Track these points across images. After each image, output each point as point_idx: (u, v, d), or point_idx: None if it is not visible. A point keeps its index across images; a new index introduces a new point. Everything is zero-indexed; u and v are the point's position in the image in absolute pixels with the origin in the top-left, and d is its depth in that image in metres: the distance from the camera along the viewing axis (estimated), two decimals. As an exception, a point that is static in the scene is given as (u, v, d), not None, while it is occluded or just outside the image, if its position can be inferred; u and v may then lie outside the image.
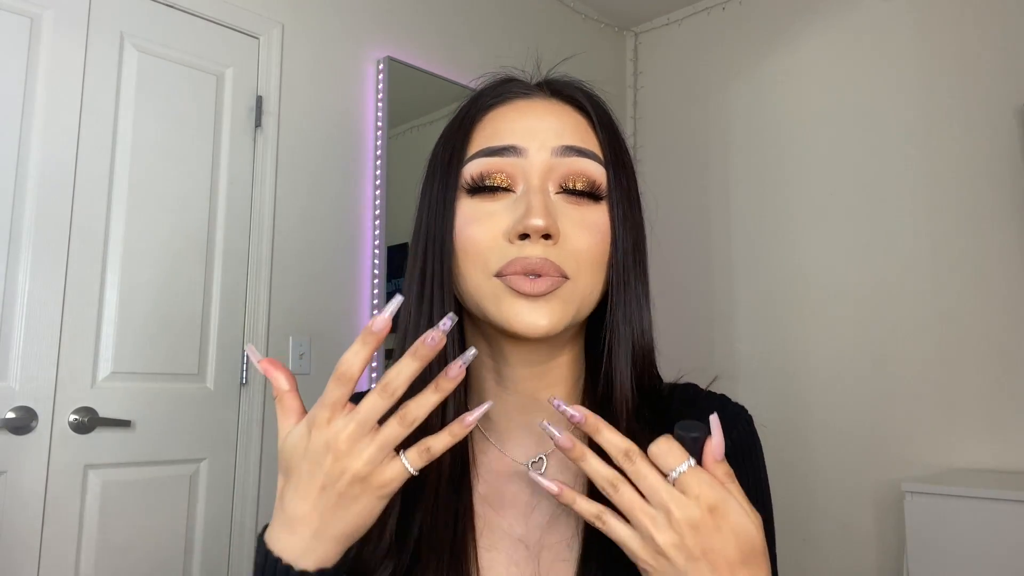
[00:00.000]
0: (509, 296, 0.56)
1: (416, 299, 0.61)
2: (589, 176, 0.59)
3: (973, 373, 2.31)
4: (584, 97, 0.63)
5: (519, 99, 0.62)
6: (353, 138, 2.36)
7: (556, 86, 0.64)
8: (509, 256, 0.56)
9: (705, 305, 2.97)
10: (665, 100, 3.21)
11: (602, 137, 0.62)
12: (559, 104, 0.62)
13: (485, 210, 0.58)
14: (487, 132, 0.61)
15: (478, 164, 0.59)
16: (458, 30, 2.68)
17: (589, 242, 0.58)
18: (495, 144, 0.59)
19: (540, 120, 0.60)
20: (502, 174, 0.58)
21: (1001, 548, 1.88)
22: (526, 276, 0.56)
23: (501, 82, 0.65)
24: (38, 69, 1.79)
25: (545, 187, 0.58)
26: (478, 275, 0.57)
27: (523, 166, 0.59)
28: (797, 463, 2.62)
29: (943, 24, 2.47)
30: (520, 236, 0.56)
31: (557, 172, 0.59)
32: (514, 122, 0.60)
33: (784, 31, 2.86)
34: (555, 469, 0.62)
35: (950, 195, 2.41)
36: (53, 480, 1.74)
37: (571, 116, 0.62)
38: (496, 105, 0.62)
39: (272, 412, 2.11)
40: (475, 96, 0.64)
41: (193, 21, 2.06)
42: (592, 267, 0.58)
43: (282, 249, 2.16)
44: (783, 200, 2.80)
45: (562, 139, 0.59)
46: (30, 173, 1.76)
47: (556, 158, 0.59)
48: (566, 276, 0.57)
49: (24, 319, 1.73)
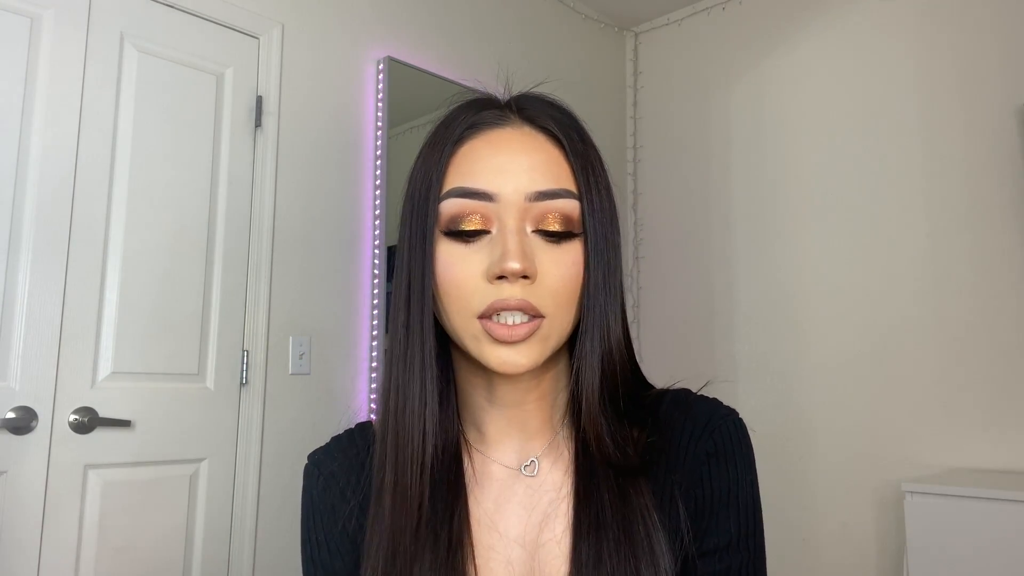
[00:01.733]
0: (487, 343, 0.59)
1: (403, 337, 0.63)
2: (564, 215, 0.60)
3: (973, 373, 2.31)
4: (556, 124, 0.63)
5: (491, 130, 0.63)
6: (353, 138, 2.36)
7: (528, 112, 0.64)
8: (489, 298, 0.58)
9: (705, 305, 2.97)
10: (665, 100, 3.21)
11: (576, 167, 0.62)
12: (532, 135, 0.63)
13: (463, 253, 0.60)
14: (462, 170, 0.61)
15: (452, 204, 0.60)
16: (458, 30, 2.68)
17: (564, 278, 0.60)
18: (469, 186, 0.60)
19: (511, 159, 0.61)
20: (476, 216, 0.60)
21: (1001, 548, 1.88)
22: (504, 323, 0.58)
23: (474, 109, 0.64)
24: (38, 69, 1.79)
25: (521, 227, 0.60)
26: (460, 316, 0.60)
27: (497, 210, 0.60)
28: (797, 463, 2.62)
29: (943, 24, 2.47)
30: (498, 277, 0.58)
31: (532, 213, 0.60)
32: (487, 161, 0.61)
33: (784, 31, 2.86)
34: (546, 471, 0.65)
35: (950, 195, 2.41)
36: (53, 480, 1.74)
37: (544, 151, 0.62)
38: (468, 137, 0.63)
39: (272, 412, 2.11)
40: (448, 121, 0.64)
41: (193, 21, 2.06)
42: (568, 303, 0.61)
43: (282, 249, 2.16)
44: (783, 200, 2.80)
45: (534, 184, 0.60)
46: (30, 173, 1.76)
47: (530, 202, 0.60)
48: (542, 315, 0.59)
49: (24, 319, 1.73)
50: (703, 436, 0.64)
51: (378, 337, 2.33)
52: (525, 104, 0.65)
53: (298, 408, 2.16)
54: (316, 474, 0.70)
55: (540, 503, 0.64)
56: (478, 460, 0.66)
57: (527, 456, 0.66)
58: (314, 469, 0.70)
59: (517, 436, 0.66)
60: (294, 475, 2.11)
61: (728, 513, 0.63)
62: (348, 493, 0.68)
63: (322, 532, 0.68)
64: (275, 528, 2.07)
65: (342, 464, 0.69)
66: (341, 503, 0.67)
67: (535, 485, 0.65)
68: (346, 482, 0.68)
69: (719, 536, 0.62)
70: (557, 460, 0.66)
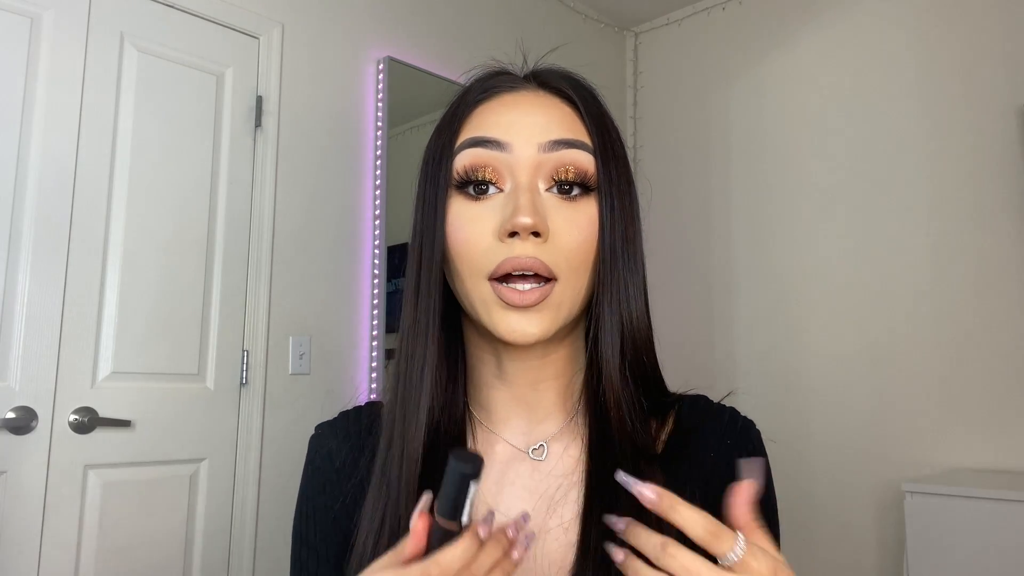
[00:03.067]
0: (497, 307, 0.57)
1: (412, 300, 0.61)
2: (578, 166, 0.59)
3: (973, 373, 2.31)
4: (571, 87, 0.63)
5: (506, 93, 0.62)
6: (353, 138, 2.36)
7: (543, 77, 0.64)
8: (500, 256, 0.56)
9: (705, 305, 2.97)
10: (665, 100, 3.21)
11: (591, 127, 0.61)
12: (546, 96, 0.62)
13: (475, 211, 0.58)
14: (473, 125, 0.61)
15: (465, 156, 0.59)
16: (458, 30, 2.68)
17: (579, 239, 0.58)
18: (480, 135, 0.59)
19: (526, 114, 0.60)
20: (489, 168, 0.58)
21: (1001, 548, 1.88)
22: (516, 287, 0.56)
23: (489, 76, 0.65)
24: (38, 69, 1.79)
25: (534, 184, 0.58)
26: (471, 278, 0.58)
27: (509, 162, 0.58)
28: (797, 463, 2.62)
29: (943, 24, 2.47)
30: (509, 234, 0.56)
31: (546, 167, 0.59)
32: (500, 115, 0.60)
33: (784, 31, 2.86)
34: (556, 456, 0.62)
35: (951, 195, 2.41)
36: (53, 480, 1.74)
37: (558, 108, 0.61)
38: (483, 100, 0.62)
39: (272, 412, 2.11)
40: (464, 91, 0.64)
41: (193, 21, 2.06)
42: (581, 266, 0.58)
43: (282, 249, 2.16)
44: (783, 200, 2.80)
45: (549, 133, 0.59)
46: (30, 173, 1.76)
47: (544, 153, 0.58)
48: (555, 277, 0.57)
49: (24, 319, 1.73)
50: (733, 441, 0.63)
51: (378, 337, 2.33)
52: (540, 73, 0.64)
53: (298, 408, 2.16)
54: (315, 448, 0.70)
55: (547, 489, 0.61)
56: (482, 437, 0.64)
57: (536, 439, 0.63)
58: (314, 443, 0.70)
59: (525, 417, 0.63)
60: (294, 475, 2.11)
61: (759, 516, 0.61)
62: (343, 472, 0.66)
63: (310, 506, 0.67)
64: (275, 528, 2.07)
65: (342, 442, 0.68)
66: (333, 482, 0.66)
67: (543, 469, 0.62)
68: (342, 461, 0.67)
69: None
70: (569, 446, 0.62)
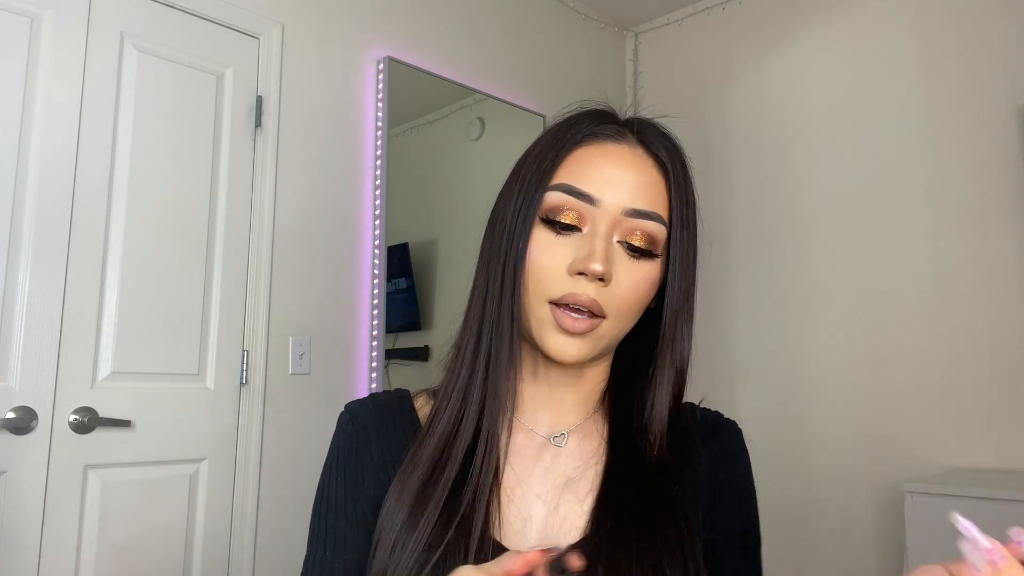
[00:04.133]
0: (551, 327, 0.66)
1: (496, 302, 0.68)
2: (650, 236, 0.67)
3: (973, 373, 2.31)
4: (667, 154, 0.69)
5: (608, 142, 0.69)
6: (353, 138, 2.36)
7: (644, 135, 0.70)
8: (565, 289, 0.65)
9: (705, 305, 2.97)
10: (665, 100, 3.21)
11: (674, 197, 0.69)
12: (643, 157, 0.69)
13: (553, 241, 0.66)
14: (573, 169, 0.67)
15: (556, 196, 0.66)
16: (458, 30, 2.68)
17: (635, 291, 0.66)
18: (576, 186, 0.66)
19: (621, 173, 0.67)
20: (574, 213, 0.66)
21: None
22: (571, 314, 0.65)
23: (596, 119, 0.70)
24: (38, 69, 1.79)
25: (610, 235, 0.66)
26: (535, 298, 0.66)
27: (594, 213, 0.66)
28: (797, 463, 2.62)
29: (943, 24, 2.47)
30: (579, 272, 0.64)
31: (623, 226, 0.66)
32: (599, 169, 0.67)
33: (784, 31, 2.86)
34: (575, 443, 0.72)
35: (950, 195, 2.41)
36: (53, 480, 1.74)
37: (649, 174, 0.68)
38: (586, 142, 0.69)
39: (272, 412, 2.11)
40: (571, 122, 0.70)
41: (193, 21, 2.06)
42: (631, 312, 0.67)
43: (282, 249, 2.16)
44: (783, 199, 2.80)
45: (635, 201, 0.66)
46: (30, 173, 1.76)
47: (625, 217, 0.66)
48: (605, 316, 0.65)
49: (24, 319, 1.73)
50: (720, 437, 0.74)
51: (378, 337, 2.33)
52: (643, 128, 0.71)
53: (298, 408, 2.16)
54: (347, 419, 0.74)
55: (567, 469, 0.70)
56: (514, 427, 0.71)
57: (558, 429, 0.72)
58: (347, 415, 0.75)
59: (552, 411, 0.72)
60: (294, 475, 2.12)
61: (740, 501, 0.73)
62: (375, 445, 0.72)
63: (342, 475, 0.71)
64: (275, 528, 2.07)
65: (376, 417, 0.74)
66: (365, 451, 0.72)
67: (563, 454, 0.71)
68: (375, 434, 0.72)
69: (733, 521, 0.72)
70: (586, 438, 0.72)
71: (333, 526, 0.70)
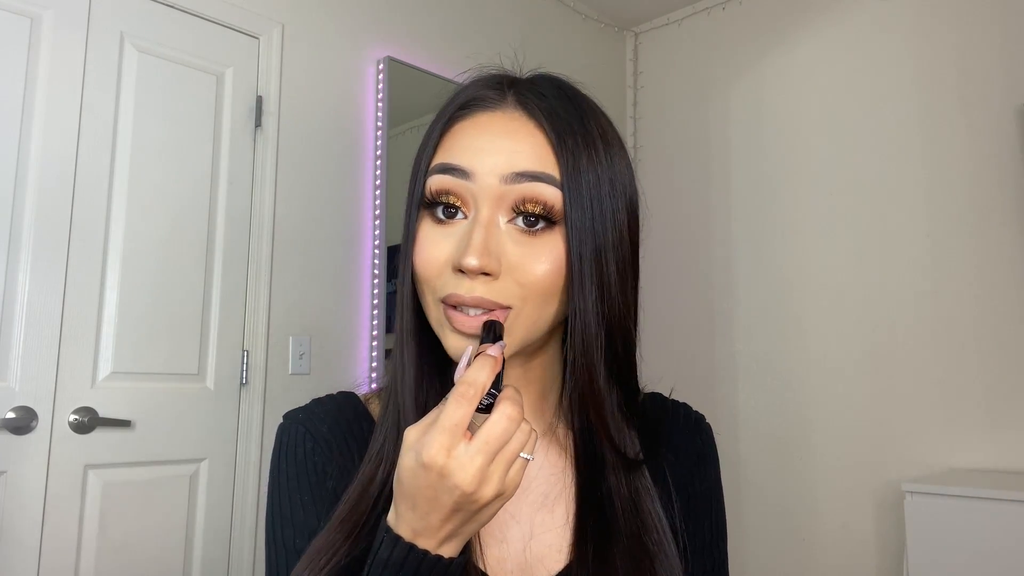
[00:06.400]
0: (448, 329, 0.59)
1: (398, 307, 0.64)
2: (541, 200, 0.58)
3: (973, 373, 2.31)
4: (545, 113, 0.61)
5: (481, 112, 0.62)
6: (353, 138, 2.36)
7: (523, 96, 0.62)
8: (449, 287, 0.58)
9: (705, 305, 2.97)
10: (665, 100, 3.21)
11: (561, 154, 0.59)
12: (521, 120, 0.61)
13: (438, 234, 0.60)
14: (446, 147, 0.61)
15: (434, 180, 0.60)
16: (458, 30, 2.68)
17: (539, 273, 0.58)
18: (449, 162, 0.60)
19: (493, 140, 0.59)
20: (452, 195, 0.59)
21: (1001, 548, 1.88)
22: (464, 310, 0.58)
23: (471, 88, 0.64)
24: (38, 69, 1.79)
25: (494, 218, 0.58)
26: (428, 297, 0.60)
27: (472, 191, 0.58)
28: (797, 463, 2.62)
29: (943, 24, 2.47)
30: (459, 270, 0.57)
31: (508, 199, 0.58)
32: (470, 140, 0.60)
33: (784, 31, 2.86)
34: (541, 453, 0.66)
35: (950, 195, 2.41)
36: (53, 480, 1.74)
37: (530, 136, 0.60)
38: (460, 117, 0.62)
39: (272, 412, 2.11)
40: (447, 101, 0.65)
41: (193, 21, 2.06)
42: (542, 295, 0.59)
43: (282, 249, 2.16)
44: (783, 200, 2.80)
45: (513, 165, 0.58)
46: (30, 173, 1.76)
47: (507, 185, 0.58)
48: (508, 306, 0.58)
49: (24, 319, 1.73)
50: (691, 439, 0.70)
51: (378, 337, 2.33)
52: (523, 88, 0.63)
53: (298, 408, 2.15)
54: (303, 433, 0.67)
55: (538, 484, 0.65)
56: None
57: None
58: (299, 428, 0.67)
59: None
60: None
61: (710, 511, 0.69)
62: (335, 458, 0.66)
63: (308, 494, 0.65)
64: (275, 528, 2.07)
65: (333, 429, 0.67)
66: (331, 466, 0.65)
67: (530, 467, 0.65)
68: (338, 448, 0.66)
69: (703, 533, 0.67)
70: (552, 443, 0.67)
71: (295, 545, 0.63)
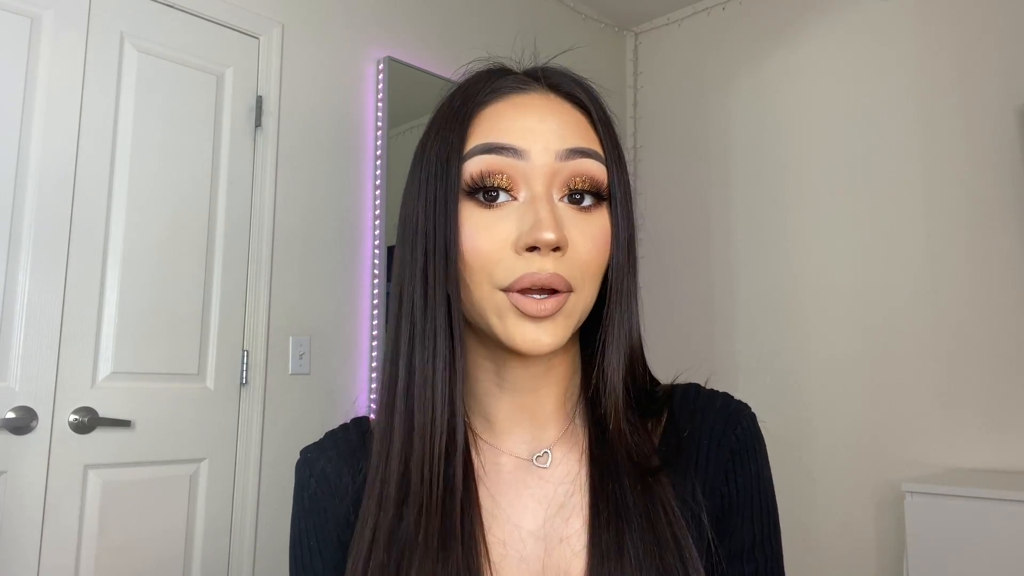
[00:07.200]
0: (514, 315, 0.55)
1: (420, 308, 0.58)
2: (593, 177, 0.57)
3: (973, 373, 2.31)
4: (583, 93, 0.61)
5: (516, 94, 0.59)
6: (353, 138, 2.36)
7: (553, 80, 0.61)
8: (518, 271, 0.54)
9: (705, 305, 2.97)
10: (665, 100, 3.21)
11: (603, 134, 0.60)
12: (558, 101, 0.60)
13: (488, 219, 0.56)
14: (485, 129, 0.57)
15: (478, 162, 0.56)
16: (458, 30, 2.68)
17: (593, 252, 0.57)
18: (494, 141, 0.56)
19: (541, 120, 0.57)
20: (503, 175, 0.56)
21: (1001, 548, 1.88)
22: (533, 296, 0.54)
23: (496, 75, 0.62)
24: (38, 69, 1.79)
25: (550, 194, 0.56)
26: (483, 288, 0.56)
27: (525, 170, 0.56)
28: (797, 463, 2.62)
29: (943, 24, 2.47)
30: (529, 248, 0.54)
31: (561, 176, 0.57)
32: (513, 120, 0.57)
33: (784, 31, 2.86)
34: (559, 460, 0.62)
35: (950, 195, 2.41)
36: (53, 480, 1.74)
37: (571, 114, 0.59)
38: (492, 101, 0.59)
39: (272, 412, 2.11)
40: (466, 88, 0.61)
41: (193, 21, 2.06)
42: (595, 277, 0.58)
43: (282, 249, 2.16)
44: (783, 200, 2.80)
45: (565, 142, 0.57)
46: (30, 173, 1.76)
47: (560, 162, 0.56)
48: (573, 289, 0.56)
49: (24, 319, 1.73)
50: (725, 433, 0.62)
51: (378, 337, 2.33)
52: (549, 73, 0.62)
53: (298, 408, 2.16)
54: (307, 474, 0.66)
55: (556, 495, 0.60)
56: (486, 451, 0.62)
57: (539, 447, 0.62)
58: (305, 469, 0.66)
59: (528, 424, 0.62)
60: (293, 475, 2.11)
61: (752, 512, 0.61)
62: (340, 493, 0.64)
63: (314, 538, 0.64)
64: (275, 528, 2.07)
65: (335, 461, 0.65)
66: (334, 505, 0.64)
67: (548, 476, 0.61)
68: (338, 481, 0.64)
69: (744, 536, 0.61)
70: (571, 449, 0.62)
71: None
